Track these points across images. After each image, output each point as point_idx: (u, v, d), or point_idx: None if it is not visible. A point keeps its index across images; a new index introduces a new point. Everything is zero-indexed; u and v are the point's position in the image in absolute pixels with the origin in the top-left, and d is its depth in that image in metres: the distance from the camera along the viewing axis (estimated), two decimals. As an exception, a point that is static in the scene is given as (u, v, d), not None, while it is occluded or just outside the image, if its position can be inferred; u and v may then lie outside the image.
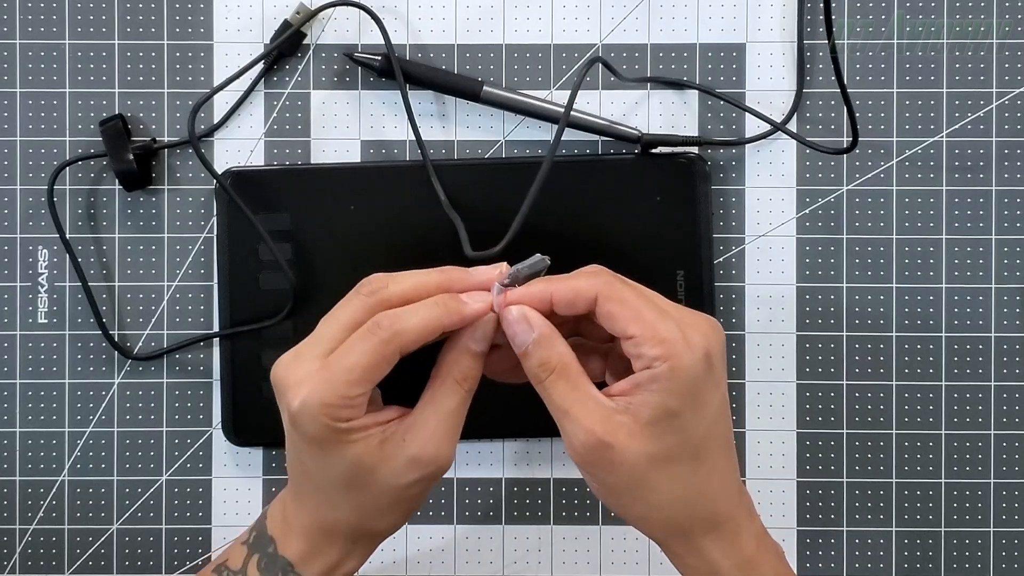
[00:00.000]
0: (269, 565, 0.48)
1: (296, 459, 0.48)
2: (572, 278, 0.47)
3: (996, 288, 0.59)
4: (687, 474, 0.46)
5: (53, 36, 0.60)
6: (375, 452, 0.46)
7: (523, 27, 0.60)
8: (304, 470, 0.47)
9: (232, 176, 0.58)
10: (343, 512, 0.48)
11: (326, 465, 0.46)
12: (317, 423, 0.45)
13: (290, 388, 0.45)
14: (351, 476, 0.46)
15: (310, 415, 0.45)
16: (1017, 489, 0.59)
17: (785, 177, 0.60)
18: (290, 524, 0.49)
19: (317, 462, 0.46)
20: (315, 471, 0.47)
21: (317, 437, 0.45)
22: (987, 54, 0.59)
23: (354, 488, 0.47)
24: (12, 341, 0.59)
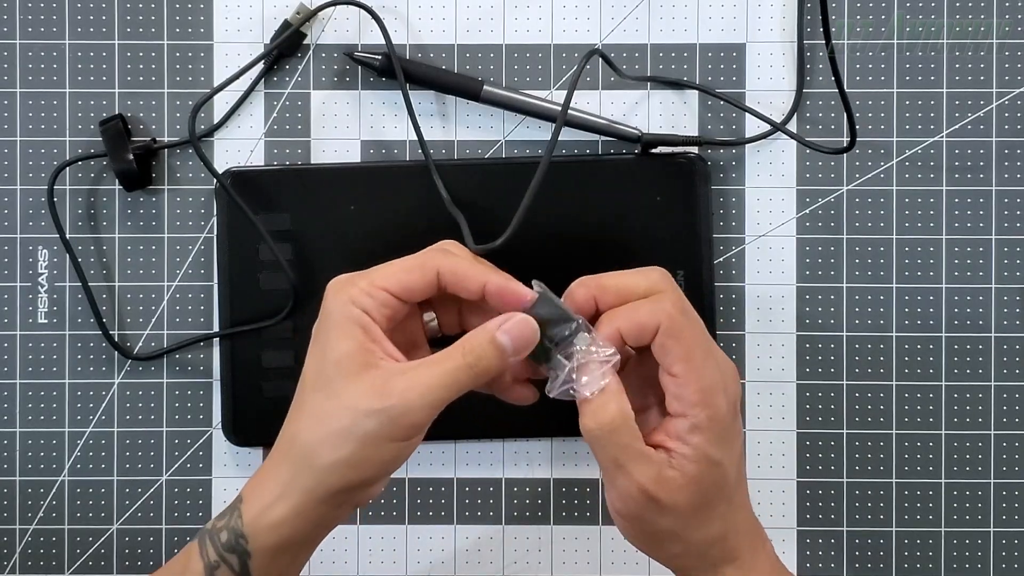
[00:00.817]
0: (227, 508, 0.48)
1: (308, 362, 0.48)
2: (636, 310, 0.47)
3: (996, 288, 0.59)
4: (722, 515, 0.48)
5: (53, 36, 0.60)
6: (358, 363, 0.46)
7: (523, 27, 0.60)
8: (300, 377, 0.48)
9: (232, 176, 0.58)
10: (299, 424, 0.46)
11: (321, 351, 0.47)
12: (339, 300, 0.47)
13: (331, 283, 0.48)
14: (330, 374, 0.46)
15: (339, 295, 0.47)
16: (1017, 489, 0.59)
17: (785, 177, 0.60)
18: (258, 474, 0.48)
19: (316, 350, 0.47)
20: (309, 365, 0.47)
21: (333, 315, 0.47)
22: (987, 54, 0.59)
23: (326, 390, 0.46)
24: (12, 341, 0.59)
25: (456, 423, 0.58)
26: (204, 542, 0.47)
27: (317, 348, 0.48)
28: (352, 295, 0.47)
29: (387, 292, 0.47)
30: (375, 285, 0.47)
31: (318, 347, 0.48)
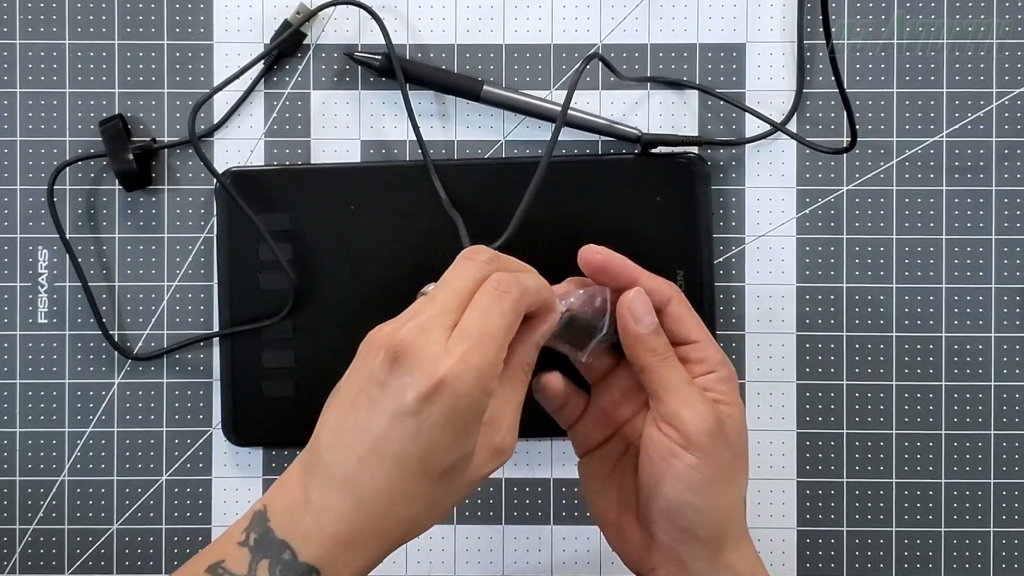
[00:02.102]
0: (286, 571, 0.43)
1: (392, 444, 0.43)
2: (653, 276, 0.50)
3: (996, 288, 0.59)
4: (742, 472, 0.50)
5: (53, 36, 0.60)
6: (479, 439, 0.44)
7: (523, 27, 0.60)
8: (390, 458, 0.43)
9: (232, 176, 0.58)
10: (407, 514, 0.44)
11: (453, 445, 0.43)
12: (472, 395, 0.42)
13: (427, 361, 0.42)
14: (454, 466, 0.43)
15: (466, 387, 0.42)
16: (1017, 489, 0.59)
17: (785, 177, 0.60)
18: (316, 529, 0.43)
19: (433, 446, 0.43)
20: (419, 459, 0.43)
21: (466, 412, 0.43)
22: (987, 54, 0.59)
23: (449, 475, 0.44)
24: (12, 341, 0.59)
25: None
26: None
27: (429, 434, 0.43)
28: (485, 383, 0.43)
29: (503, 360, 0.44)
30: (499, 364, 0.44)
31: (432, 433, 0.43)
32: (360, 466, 0.43)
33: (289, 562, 0.43)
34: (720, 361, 0.50)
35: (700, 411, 0.48)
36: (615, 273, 0.50)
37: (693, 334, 0.50)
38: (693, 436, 0.47)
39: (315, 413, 0.60)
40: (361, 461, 0.43)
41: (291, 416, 0.58)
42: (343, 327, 0.58)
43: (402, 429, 0.43)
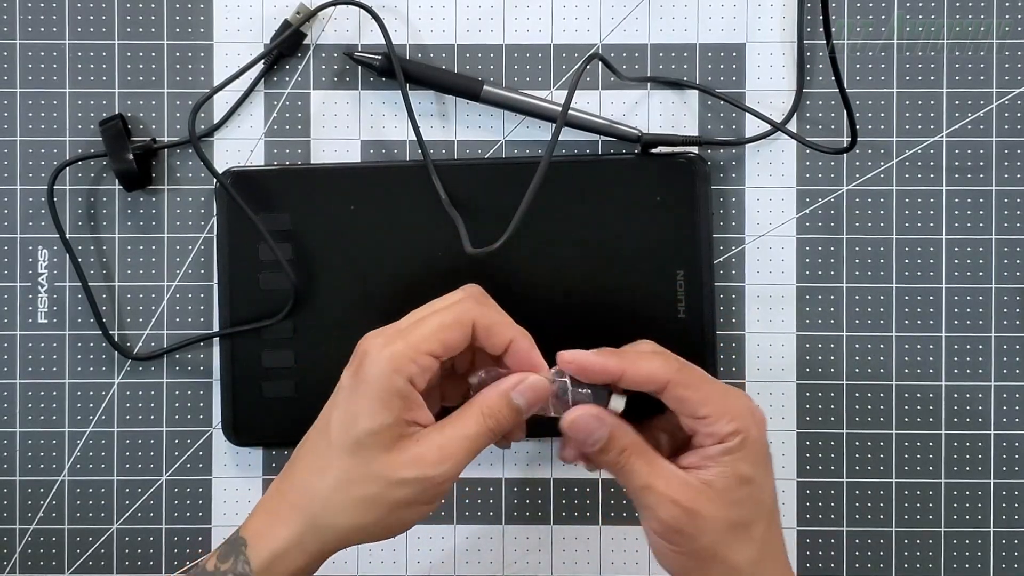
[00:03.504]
0: (226, 549, 0.48)
1: (324, 419, 0.48)
2: (643, 360, 0.49)
3: (996, 288, 0.59)
4: (761, 537, 0.48)
5: (53, 36, 0.60)
6: (394, 435, 0.47)
7: (523, 27, 0.60)
8: (322, 428, 0.48)
9: (232, 176, 0.58)
10: (320, 483, 0.47)
11: (360, 414, 0.47)
12: (380, 368, 0.46)
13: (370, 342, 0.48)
14: (363, 441, 0.47)
15: (377, 362, 0.46)
16: (1017, 489, 0.59)
17: (785, 177, 0.60)
18: (258, 506, 0.49)
19: (350, 412, 0.47)
20: (339, 423, 0.47)
21: (374, 385, 0.46)
22: (987, 54, 0.59)
23: (359, 451, 0.46)
24: (12, 341, 0.59)
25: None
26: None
27: (350, 408, 0.47)
28: (396, 362, 0.47)
29: (430, 356, 0.47)
30: (420, 350, 0.47)
31: (351, 407, 0.47)
32: (302, 443, 0.49)
33: (232, 540, 0.48)
34: (731, 432, 0.48)
35: (658, 515, 0.48)
36: (595, 375, 0.49)
37: (699, 411, 0.48)
38: (662, 531, 0.48)
39: (315, 413, 0.60)
40: (305, 438, 0.49)
41: (291, 416, 0.58)
42: (343, 327, 0.58)
43: (333, 402, 0.48)
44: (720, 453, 0.48)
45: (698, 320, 0.58)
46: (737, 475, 0.48)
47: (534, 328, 0.58)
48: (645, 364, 0.48)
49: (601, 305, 0.58)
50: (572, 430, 0.49)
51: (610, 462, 0.49)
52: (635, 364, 0.48)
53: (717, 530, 0.47)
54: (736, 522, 0.48)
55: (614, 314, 0.58)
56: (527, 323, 0.58)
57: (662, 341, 0.58)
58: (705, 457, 0.48)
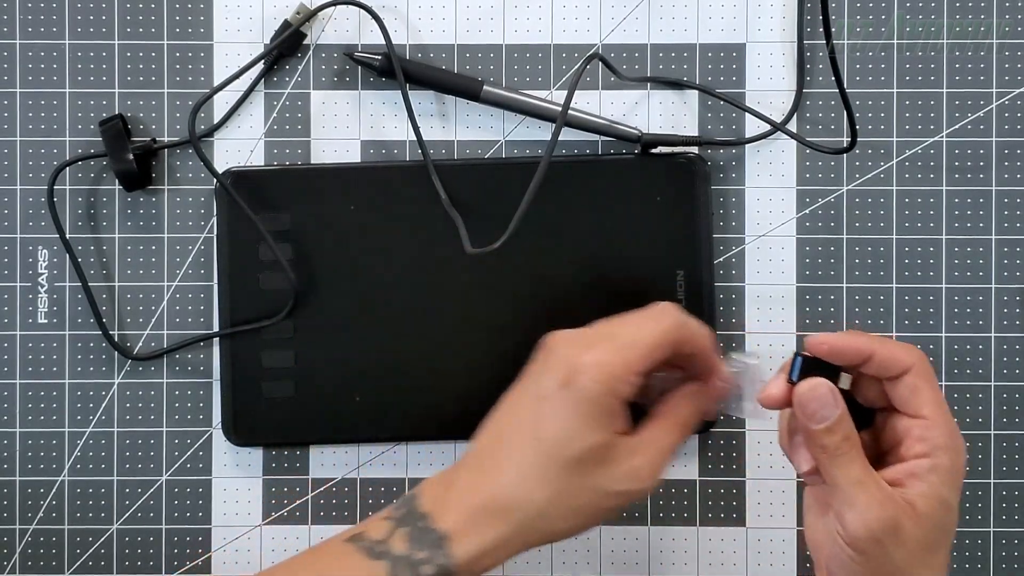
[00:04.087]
0: (418, 536, 0.47)
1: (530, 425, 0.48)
2: (891, 342, 0.48)
3: (996, 288, 0.59)
4: (941, 564, 0.47)
5: (53, 36, 0.60)
6: (608, 449, 0.47)
7: (523, 27, 0.60)
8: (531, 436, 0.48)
9: (232, 176, 0.58)
10: (538, 495, 0.47)
11: (580, 433, 0.47)
12: (596, 388, 0.47)
13: (568, 355, 0.48)
14: (582, 457, 0.47)
15: (591, 380, 0.47)
16: (1017, 489, 0.59)
17: (785, 177, 0.60)
18: (454, 500, 0.48)
19: (568, 428, 0.47)
20: (555, 439, 0.47)
21: (592, 403, 0.47)
22: (987, 54, 0.59)
23: (580, 468, 0.47)
24: (12, 341, 0.59)
25: (456, 423, 0.58)
26: (400, 570, 0.46)
27: (568, 425, 0.47)
28: (614, 383, 0.47)
29: (642, 374, 0.48)
30: (634, 370, 0.48)
31: (569, 424, 0.47)
32: (500, 444, 0.49)
33: (424, 528, 0.47)
34: (942, 446, 0.46)
35: (866, 517, 0.45)
36: (847, 356, 0.47)
37: (923, 409, 0.47)
38: (854, 540, 0.46)
39: (315, 413, 0.60)
40: (503, 439, 0.49)
41: (291, 416, 0.58)
42: (343, 327, 0.58)
43: (540, 410, 0.48)
44: (928, 471, 0.46)
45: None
46: (939, 498, 0.46)
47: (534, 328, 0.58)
48: (893, 346, 0.47)
49: (601, 305, 0.58)
50: (807, 399, 0.46)
51: (831, 447, 0.46)
52: (885, 344, 0.47)
53: (913, 551, 0.46)
54: (929, 545, 0.46)
55: (614, 314, 0.58)
56: (527, 323, 0.58)
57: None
58: (910, 474, 0.46)
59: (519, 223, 0.53)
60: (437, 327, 0.58)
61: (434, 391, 0.58)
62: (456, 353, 0.58)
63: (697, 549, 0.59)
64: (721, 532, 0.59)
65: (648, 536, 0.59)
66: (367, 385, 0.58)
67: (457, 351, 0.58)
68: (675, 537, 0.59)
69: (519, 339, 0.58)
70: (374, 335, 0.58)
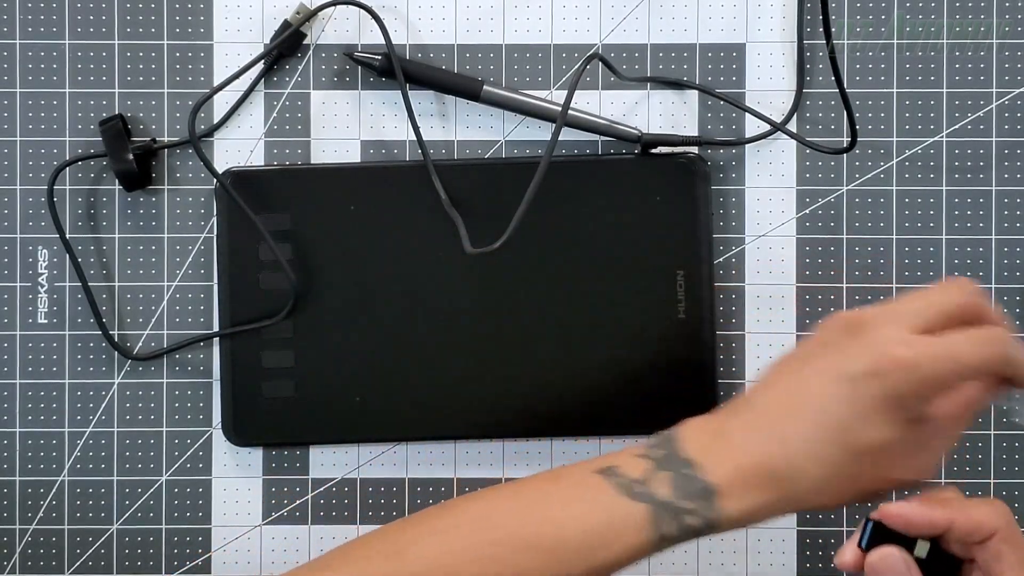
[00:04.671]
0: (684, 484, 0.45)
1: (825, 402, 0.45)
2: (972, 508, 0.46)
3: (996, 288, 0.59)
4: None
5: (53, 36, 0.60)
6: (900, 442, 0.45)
7: (523, 27, 0.60)
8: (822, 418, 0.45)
9: (232, 176, 0.58)
10: (818, 472, 0.45)
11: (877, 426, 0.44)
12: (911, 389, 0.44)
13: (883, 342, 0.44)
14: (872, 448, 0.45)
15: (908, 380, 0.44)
16: (1017, 489, 0.59)
17: (785, 177, 0.60)
18: (726, 454, 0.45)
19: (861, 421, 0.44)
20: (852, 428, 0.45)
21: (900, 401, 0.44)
22: (987, 54, 0.59)
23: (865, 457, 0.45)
24: (12, 341, 0.59)
25: (456, 423, 0.58)
26: (663, 516, 0.44)
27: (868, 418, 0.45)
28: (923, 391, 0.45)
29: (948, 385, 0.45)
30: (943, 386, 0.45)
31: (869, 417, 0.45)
32: (787, 413, 0.46)
33: (689, 476, 0.45)
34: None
35: None
36: (922, 528, 0.45)
37: (1008, 573, 0.45)
38: None
39: (315, 413, 0.60)
40: (790, 410, 0.46)
41: (291, 416, 0.58)
42: (343, 327, 0.58)
43: (840, 392, 0.45)
44: None
45: (698, 320, 0.58)
46: None
47: (534, 328, 0.58)
48: (975, 511, 0.45)
49: (601, 305, 0.58)
50: (878, 569, 0.45)
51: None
52: (965, 512, 0.45)
53: None
54: None
55: (614, 314, 0.58)
56: (526, 323, 0.58)
57: (662, 341, 0.58)
58: None
59: (519, 223, 0.53)
60: (437, 327, 0.58)
61: (434, 391, 0.58)
62: (456, 353, 0.58)
63: (697, 549, 0.59)
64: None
65: (648, 536, 0.59)
66: (367, 385, 0.58)
67: (457, 351, 0.58)
68: (675, 537, 0.59)
69: (519, 339, 0.58)
70: (374, 335, 0.58)
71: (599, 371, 0.58)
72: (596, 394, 0.58)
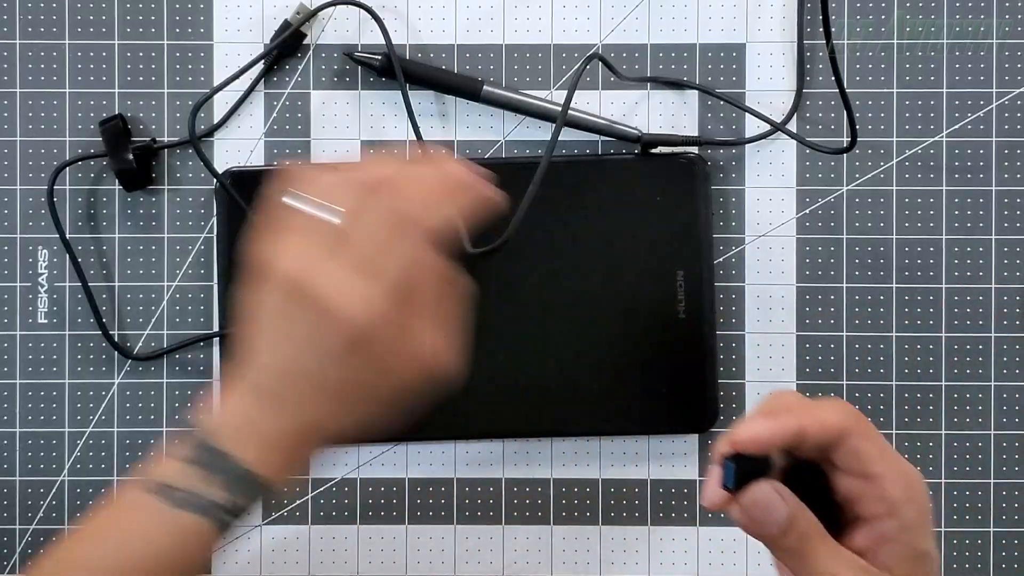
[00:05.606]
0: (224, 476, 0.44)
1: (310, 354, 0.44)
2: (819, 409, 0.42)
3: (996, 288, 0.59)
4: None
5: (53, 36, 0.60)
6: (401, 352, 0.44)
7: (523, 27, 0.60)
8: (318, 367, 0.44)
9: (232, 176, 0.58)
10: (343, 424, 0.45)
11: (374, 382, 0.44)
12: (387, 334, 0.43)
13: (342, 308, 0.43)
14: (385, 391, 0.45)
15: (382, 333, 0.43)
16: (1017, 489, 0.59)
17: (785, 177, 0.60)
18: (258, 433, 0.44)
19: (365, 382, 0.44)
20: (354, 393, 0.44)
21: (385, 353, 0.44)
22: (987, 54, 0.59)
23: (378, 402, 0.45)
24: (12, 341, 0.59)
25: (456, 423, 0.58)
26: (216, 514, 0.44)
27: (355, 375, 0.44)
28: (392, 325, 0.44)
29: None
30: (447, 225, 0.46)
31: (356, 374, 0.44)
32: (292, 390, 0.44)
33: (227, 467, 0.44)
34: (903, 499, 0.41)
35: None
36: (775, 443, 0.41)
37: (872, 467, 0.42)
38: None
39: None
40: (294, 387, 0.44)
41: (291, 416, 0.58)
42: (343, 327, 0.58)
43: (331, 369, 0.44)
44: (897, 531, 0.41)
45: (698, 320, 0.58)
46: (916, 554, 0.42)
47: (534, 328, 0.58)
48: (820, 412, 0.42)
49: (601, 305, 0.58)
50: (752, 511, 0.41)
51: (788, 546, 0.41)
52: (811, 415, 0.42)
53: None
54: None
55: (614, 314, 0.58)
56: (527, 324, 0.58)
57: (662, 341, 0.58)
58: (880, 539, 0.41)
59: (519, 223, 0.53)
60: (437, 327, 0.58)
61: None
62: (456, 353, 0.58)
63: (697, 549, 0.59)
64: (720, 532, 0.59)
65: (648, 536, 0.59)
66: (367, 385, 0.58)
67: (457, 351, 0.58)
68: (675, 537, 0.59)
69: (519, 339, 0.58)
70: (374, 335, 0.58)
71: (599, 371, 0.58)
72: (596, 394, 0.58)
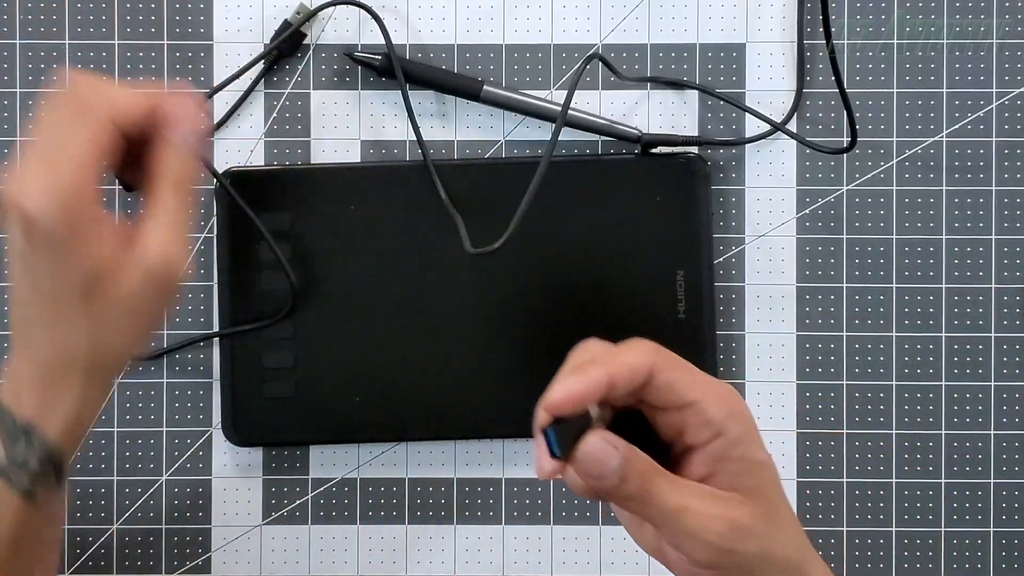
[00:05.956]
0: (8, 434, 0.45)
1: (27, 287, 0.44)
2: (621, 355, 0.42)
3: (996, 288, 0.59)
4: (789, 514, 0.43)
5: (53, 36, 0.60)
6: (110, 254, 0.43)
7: (523, 27, 0.60)
8: (35, 296, 0.44)
9: (232, 176, 0.58)
10: (78, 332, 0.44)
11: (62, 271, 0.43)
12: (54, 216, 0.42)
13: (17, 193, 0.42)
14: (89, 280, 0.43)
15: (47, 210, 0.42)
16: (1017, 489, 0.59)
17: (785, 177, 0.60)
18: (21, 380, 0.45)
19: (52, 271, 0.43)
20: (49, 286, 0.44)
21: (54, 234, 0.42)
22: (987, 54, 0.59)
23: (90, 297, 0.43)
24: (12, 341, 0.59)
25: (456, 423, 0.58)
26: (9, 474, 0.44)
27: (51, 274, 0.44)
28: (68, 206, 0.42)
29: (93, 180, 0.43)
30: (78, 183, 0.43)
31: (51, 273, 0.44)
32: (17, 312, 0.45)
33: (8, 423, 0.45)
34: (725, 417, 0.41)
35: (705, 539, 0.40)
36: (589, 398, 0.40)
37: (688, 395, 0.41)
38: (706, 562, 0.41)
39: (315, 413, 0.60)
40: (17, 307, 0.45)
41: (291, 416, 0.58)
42: (343, 327, 0.58)
43: (20, 268, 0.44)
44: (729, 446, 0.41)
45: (698, 320, 0.58)
46: (752, 464, 0.42)
47: (534, 328, 0.58)
48: (623, 357, 0.41)
49: (601, 305, 0.58)
50: (587, 468, 0.40)
51: (631, 493, 0.40)
52: (616, 361, 0.41)
53: (761, 534, 0.41)
54: (771, 512, 0.42)
55: (614, 314, 0.58)
56: (526, 323, 0.58)
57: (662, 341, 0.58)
58: (715, 459, 0.42)
59: (519, 223, 0.53)
60: (437, 327, 0.58)
61: (434, 391, 0.58)
62: (456, 353, 0.58)
63: (697, 549, 0.59)
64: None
65: (648, 536, 0.59)
66: (367, 385, 0.58)
67: (457, 351, 0.58)
68: (675, 537, 0.59)
69: (519, 339, 0.58)
70: (374, 335, 0.58)
71: (599, 371, 0.58)
72: (596, 394, 0.58)
